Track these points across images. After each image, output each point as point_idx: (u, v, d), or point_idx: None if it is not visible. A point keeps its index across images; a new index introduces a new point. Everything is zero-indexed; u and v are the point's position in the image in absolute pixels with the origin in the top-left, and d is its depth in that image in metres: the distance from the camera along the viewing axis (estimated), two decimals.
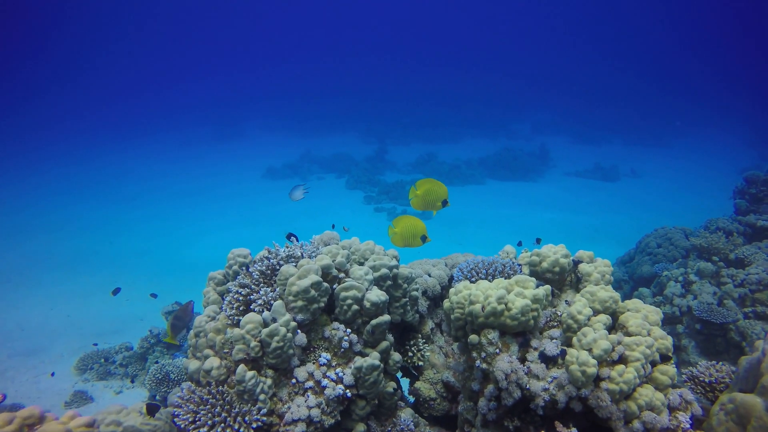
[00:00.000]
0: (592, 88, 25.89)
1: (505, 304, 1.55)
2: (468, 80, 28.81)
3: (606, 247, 8.89)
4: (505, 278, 1.76)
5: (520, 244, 2.44)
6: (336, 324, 1.85)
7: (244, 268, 2.02)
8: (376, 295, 1.83)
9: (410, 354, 2.36)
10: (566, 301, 1.76)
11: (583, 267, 1.78)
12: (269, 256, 1.91)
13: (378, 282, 2.05)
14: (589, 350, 1.46)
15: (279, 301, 1.72)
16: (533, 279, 1.63)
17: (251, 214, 11.96)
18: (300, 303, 1.73)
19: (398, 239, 2.53)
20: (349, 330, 1.84)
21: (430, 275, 2.56)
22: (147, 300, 6.76)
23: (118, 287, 4.70)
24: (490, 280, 1.79)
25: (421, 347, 2.39)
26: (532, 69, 31.42)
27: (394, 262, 2.12)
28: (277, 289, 1.80)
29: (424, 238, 2.51)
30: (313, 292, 1.74)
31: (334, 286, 1.88)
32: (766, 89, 24.03)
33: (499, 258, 2.01)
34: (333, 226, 2.49)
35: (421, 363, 2.36)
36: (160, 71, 32.60)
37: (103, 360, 4.67)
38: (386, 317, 1.85)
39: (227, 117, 24.21)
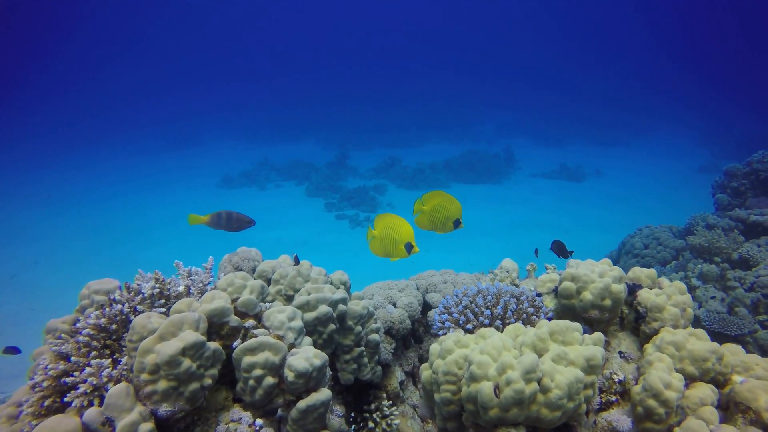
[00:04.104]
0: (551, 88, 26.11)
1: (539, 381, 0.82)
2: (429, 83, 28.47)
3: (579, 248, 8.46)
4: (524, 322, 1.03)
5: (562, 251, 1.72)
6: (237, 410, 1.08)
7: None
8: (305, 359, 1.07)
9: (371, 425, 1.62)
10: (620, 353, 1.06)
11: (646, 296, 1.08)
12: (120, 298, 1.12)
13: (314, 328, 1.29)
14: None
15: (121, 385, 0.93)
16: (578, 325, 0.92)
17: (204, 226, 10.88)
18: (163, 385, 0.95)
19: (377, 246, 1.72)
20: (260, 422, 1.07)
21: (395, 305, 1.83)
22: None
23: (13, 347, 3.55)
24: (498, 327, 1.06)
25: (387, 412, 1.64)
26: (492, 70, 31.49)
27: (339, 295, 1.37)
28: (123, 360, 1.01)
29: (410, 248, 1.69)
30: (187, 362, 0.97)
31: (236, 343, 1.12)
32: (715, 89, 24.87)
33: (502, 284, 1.29)
34: (295, 258, 1.61)
35: None
36: (108, 74, 30.53)
37: None
38: (323, 395, 1.09)
39: (181, 124, 22.87)
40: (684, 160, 16.69)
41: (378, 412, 1.65)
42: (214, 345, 1.04)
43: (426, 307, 1.93)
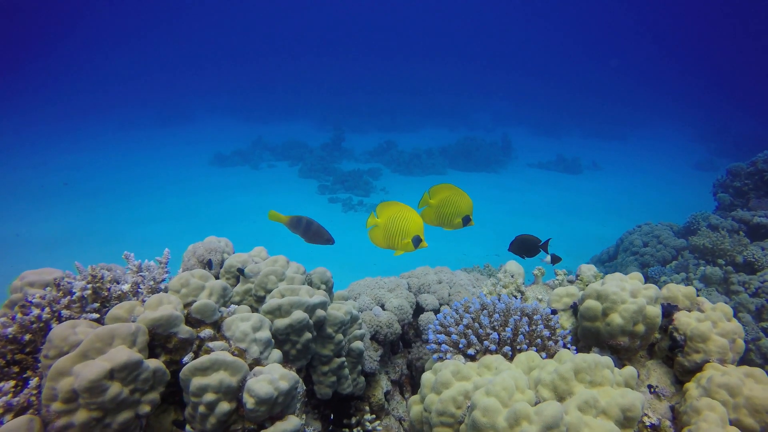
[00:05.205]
0: (550, 79, 25.82)
1: None
2: (428, 69, 28.03)
3: (575, 242, 8.34)
4: (538, 348, 0.84)
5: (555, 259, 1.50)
6: None
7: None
8: (269, 381, 0.88)
9: None
10: (650, 386, 0.88)
11: (686, 321, 0.89)
12: (40, 300, 0.91)
13: (286, 337, 1.10)
14: None
15: (21, 420, 0.73)
16: (609, 361, 0.73)
17: (193, 205, 10.61)
18: (82, 416, 0.75)
19: (379, 236, 1.50)
20: None
21: (384, 307, 1.63)
22: None
23: None
24: (507, 354, 0.86)
25: (370, 427, 1.47)
26: (491, 58, 31.07)
27: (318, 298, 1.17)
28: (32, 382, 0.81)
29: (418, 241, 1.45)
30: (116, 387, 0.77)
31: (186, 358, 0.92)
32: (712, 85, 24.68)
33: (510, 298, 1.09)
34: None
35: None
36: (98, 50, 29.62)
37: None
38: (290, 425, 0.90)
39: (173, 99, 22.35)
40: (680, 156, 16.59)
41: (359, 427, 1.47)
42: (154, 363, 0.84)
43: (418, 309, 1.75)
